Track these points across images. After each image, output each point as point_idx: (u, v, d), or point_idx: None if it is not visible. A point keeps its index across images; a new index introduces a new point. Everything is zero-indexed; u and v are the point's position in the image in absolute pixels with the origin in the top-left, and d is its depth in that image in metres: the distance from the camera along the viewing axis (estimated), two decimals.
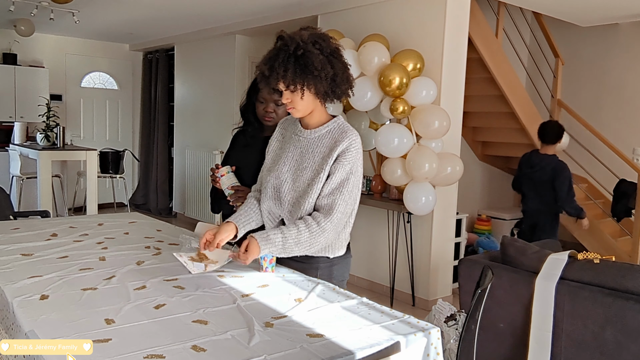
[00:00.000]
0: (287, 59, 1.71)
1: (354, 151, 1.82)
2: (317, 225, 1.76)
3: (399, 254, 4.53)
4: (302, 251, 1.79)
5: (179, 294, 1.62)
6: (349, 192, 1.81)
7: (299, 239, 1.76)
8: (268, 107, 2.22)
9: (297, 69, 1.71)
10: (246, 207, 1.98)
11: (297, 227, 1.77)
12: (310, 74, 1.72)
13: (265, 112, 2.23)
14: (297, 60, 1.71)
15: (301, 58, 1.71)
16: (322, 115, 1.88)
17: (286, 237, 1.75)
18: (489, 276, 1.79)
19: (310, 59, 1.71)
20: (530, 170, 4.25)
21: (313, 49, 1.72)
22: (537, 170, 4.20)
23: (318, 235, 1.76)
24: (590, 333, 2.36)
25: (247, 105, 2.32)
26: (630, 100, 5.99)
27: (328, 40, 1.78)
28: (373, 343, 1.33)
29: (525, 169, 4.32)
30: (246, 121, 2.35)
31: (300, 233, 1.76)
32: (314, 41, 1.73)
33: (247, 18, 5.93)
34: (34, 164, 6.00)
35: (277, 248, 1.76)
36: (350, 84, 1.83)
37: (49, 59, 7.48)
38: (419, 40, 4.29)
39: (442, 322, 2.48)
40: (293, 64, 1.71)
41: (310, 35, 1.75)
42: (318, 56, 1.71)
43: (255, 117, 2.30)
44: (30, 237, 2.27)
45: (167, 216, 7.74)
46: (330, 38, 1.80)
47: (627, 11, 5.11)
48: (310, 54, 1.71)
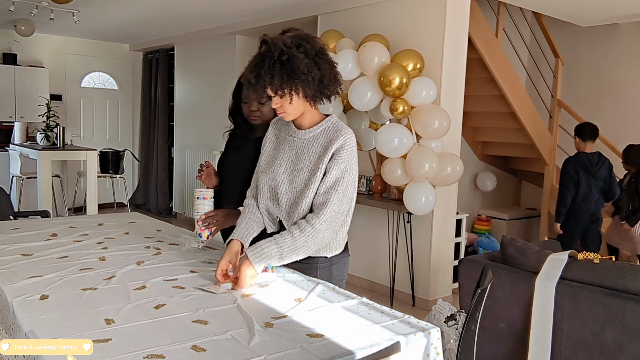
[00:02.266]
0: (273, 65, 1.69)
1: (349, 149, 1.81)
2: (311, 227, 1.75)
3: (399, 254, 4.53)
4: (301, 255, 1.78)
5: (179, 294, 1.61)
6: (344, 190, 1.80)
7: (295, 245, 1.74)
8: (252, 106, 2.21)
9: (284, 75, 1.70)
10: (245, 216, 1.95)
11: (292, 234, 1.75)
12: (297, 78, 1.71)
13: (250, 111, 2.22)
14: (283, 65, 1.69)
15: (287, 63, 1.69)
16: (314, 115, 1.87)
17: (281, 247, 1.73)
18: (489, 276, 1.79)
19: (296, 64, 1.69)
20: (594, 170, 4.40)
21: (297, 53, 1.70)
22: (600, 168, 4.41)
23: (313, 236, 1.75)
24: (590, 333, 2.36)
25: (234, 108, 2.31)
26: (630, 100, 5.99)
27: (312, 42, 1.76)
28: (373, 343, 1.33)
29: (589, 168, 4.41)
30: (235, 124, 2.35)
31: (296, 239, 1.74)
32: (297, 44, 1.71)
33: (247, 18, 5.93)
34: (34, 164, 6.00)
35: (274, 259, 1.74)
36: (338, 82, 1.82)
37: (49, 59, 7.48)
38: (419, 40, 4.29)
39: (442, 322, 2.49)
40: (279, 70, 1.69)
41: (294, 38, 1.73)
42: (303, 60, 1.70)
43: (242, 118, 2.29)
44: (30, 237, 2.27)
45: (167, 216, 7.74)
46: (314, 38, 1.78)
47: (627, 11, 5.11)
48: (295, 58, 1.69)
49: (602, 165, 4.39)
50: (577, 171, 4.37)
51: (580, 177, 4.36)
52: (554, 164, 5.91)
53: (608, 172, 4.42)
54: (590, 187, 4.37)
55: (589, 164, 4.37)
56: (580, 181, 4.36)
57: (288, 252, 1.74)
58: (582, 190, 4.37)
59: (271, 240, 1.75)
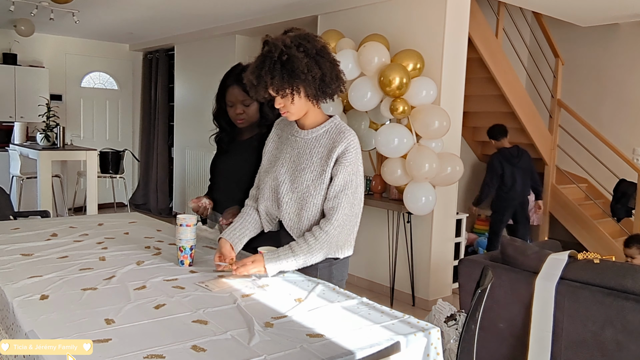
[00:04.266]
0: (273, 65, 1.71)
1: (353, 152, 1.82)
2: (325, 233, 1.79)
3: (399, 254, 4.53)
4: (315, 260, 1.82)
5: (179, 294, 1.61)
6: (353, 193, 1.82)
7: (310, 251, 1.79)
8: (237, 108, 2.21)
9: (285, 75, 1.71)
10: (241, 218, 1.98)
11: (307, 242, 1.80)
12: (297, 78, 1.71)
13: (236, 114, 2.22)
14: (284, 66, 1.70)
15: (287, 63, 1.70)
16: (317, 115, 1.88)
17: (296, 254, 1.78)
18: (489, 276, 1.79)
19: (296, 64, 1.70)
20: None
21: (297, 52, 1.70)
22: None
23: (327, 242, 1.80)
24: (590, 333, 2.36)
25: (218, 112, 2.31)
26: (630, 100, 5.99)
27: (313, 41, 1.76)
28: (373, 343, 1.33)
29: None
30: (220, 128, 2.34)
31: (310, 247, 1.79)
32: (298, 44, 1.72)
33: (247, 18, 5.93)
34: (34, 164, 6.00)
35: (289, 263, 1.79)
36: (340, 80, 1.82)
37: (49, 59, 7.48)
38: (419, 40, 4.29)
39: (442, 322, 2.49)
40: (280, 70, 1.70)
41: (294, 38, 1.74)
42: (303, 59, 1.70)
43: (227, 122, 2.29)
44: (30, 237, 2.26)
45: (167, 216, 7.73)
46: (315, 37, 1.78)
47: (627, 11, 5.11)
48: (295, 58, 1.70)
49: (522, 157, 5.11)
50: (502, 164, 5.06)
51: (505, 169, 5.06)
52: (554, 164, 5.91)
53: (528, 163, 5.14)
54: (515, 177, 5.07)
55: (510, 156, 5.09)
56: (505, 173, 5.06)
57: (302, 258, 1.79)
58: (508, 180, 5.08)
59: (287, 247, 1.80)
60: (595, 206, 5.88)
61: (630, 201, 5.37)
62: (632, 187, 5.36)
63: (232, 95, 2.21)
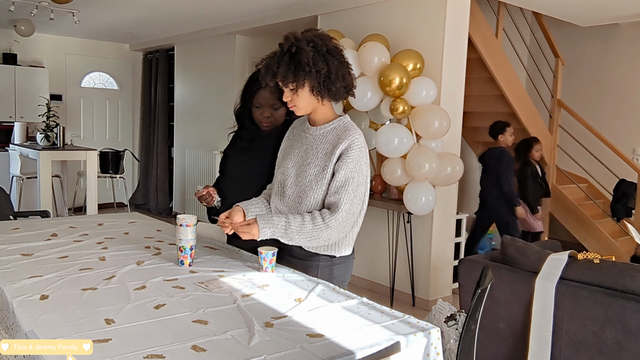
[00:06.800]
0: (282, 56, 1.77)
1: (357, 150, 1.82)
2: (322, 220, 1.78)
3: (399, 254, 4.53)
4: (303, 241, 1.81)
5: (179, 294, 1.62)
6: (354, 190, 1.82)
7: (302, 228, 1.78)
8: (265, 112, 2.20)
9: (291, 66, 1.76)
10: (257, 200, 2.04)
11: (302, 217, 1.80)
12: (302, 70, 1.76)
13: (263, 117, 2.21)
14: (291, 57, 1.76)
15: (295, 55, 1.76)
16: (327, 113, 1.91)
17: (289, 223, 1.78)
18: (489, 276, 1.79)
19: (303, 56, 1.75)
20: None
21: (306, 46, 1.76)
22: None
23: (321, 229, 1.78)
24: (590, 333, 2.36)
25: (242, 110, 2.30)
26: (630, 100, 5.99)
27: (326, 40, 1.81)
28: (373, 343, 1.33)
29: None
30: (241, 125, 2.33)
31: (304, 223, 1.78)
32: (309, 40, 1.78)
33: (247, 18, 5.93)
34: (34, 164, 6.00)
35: (279, 230, 1.78)
36: (346, 82, 1.84)
37: (49, 59, 7.48)
38: (419, 40, 4.29)
39: (442, 322, 2.48)
40: (287, 61, 1.76)
41: (309, 35, 1.80)
42: (309, 53, 1.75)
43: (251, 121, 2.28)
44: (30, 237, 2.27)
45: (167, 216, 7.73)
46: (330, 38, 1.83)
47: (627, 11, 5.11)
48: (302, 51, 1.75)
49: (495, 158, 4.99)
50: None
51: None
52: (554, 164, 5.91)
53: (496, 167, 4.97)
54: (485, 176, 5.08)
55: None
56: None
57: (293, 230, 1.78)
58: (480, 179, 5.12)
59: (282, 215, 1.82)
60: (595, 206, 5.88)
61: (630, 201, 5.37)
62: (632, 187, 5.36)
63: (263, 97, 2.19)
